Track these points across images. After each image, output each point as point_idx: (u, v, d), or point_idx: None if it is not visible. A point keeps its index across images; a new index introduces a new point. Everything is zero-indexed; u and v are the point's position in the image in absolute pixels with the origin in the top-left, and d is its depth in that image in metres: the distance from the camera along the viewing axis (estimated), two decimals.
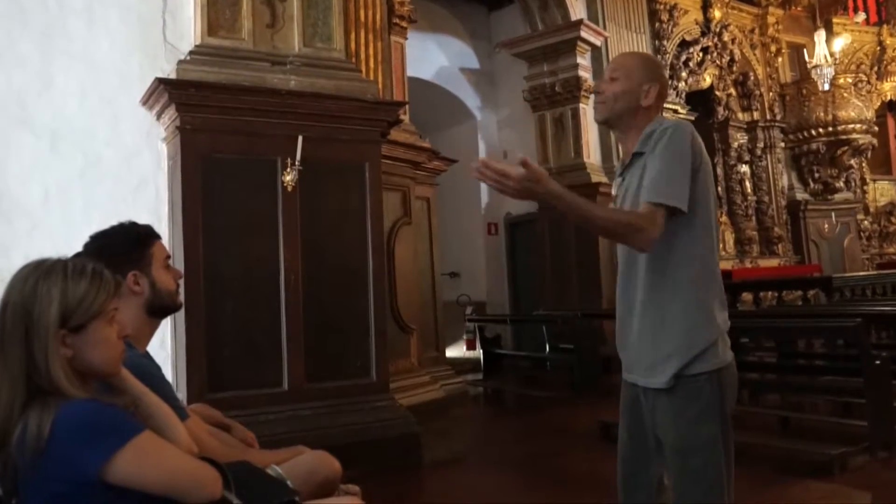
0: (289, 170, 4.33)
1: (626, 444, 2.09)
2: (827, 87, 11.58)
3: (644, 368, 2.00)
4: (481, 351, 8.40)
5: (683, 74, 11.12)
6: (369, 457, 4.16)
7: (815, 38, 11.53)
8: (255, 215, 4.35)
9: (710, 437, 1.90)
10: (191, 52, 4.42)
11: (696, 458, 1.90)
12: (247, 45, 4.53)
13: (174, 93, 4.18)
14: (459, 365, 8.39)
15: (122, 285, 1.66)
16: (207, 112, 4.26)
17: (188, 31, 4.62)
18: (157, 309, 2.03)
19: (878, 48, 13.77)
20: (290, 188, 4.36)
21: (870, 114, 12.63)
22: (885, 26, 13.79)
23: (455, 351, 9.85)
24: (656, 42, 10.73)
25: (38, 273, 1.46)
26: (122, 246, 1.96)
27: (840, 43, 12.38)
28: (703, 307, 1.94)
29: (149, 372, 1.85)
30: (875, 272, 11.40)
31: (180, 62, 4.37)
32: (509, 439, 5.85)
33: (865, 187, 13.67)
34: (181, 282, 2.18)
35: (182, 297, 2.19)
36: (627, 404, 2.09)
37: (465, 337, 9.87)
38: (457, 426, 6.10)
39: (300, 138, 4.30)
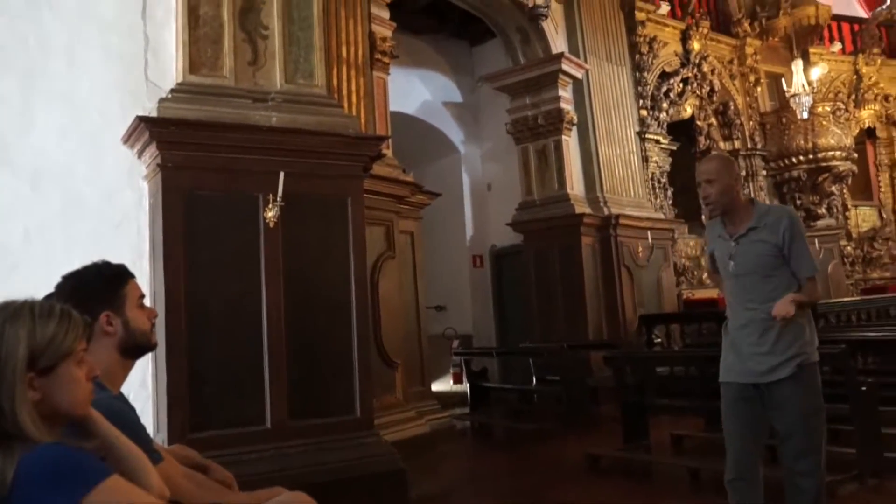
0: (271, 206, 4.33)
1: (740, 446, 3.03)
2: (806, 115, 11.74)
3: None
4: (468, 384, 8.35)
5: (665, 105, 11.25)
6: (354, 495, 4.13)
7: (793, 68, 11.71)
8: (237, 251, 4.33)
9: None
10: (172, 90, 4.43)
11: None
12: (228, 82, 4.54)
13: (155, 131, 4.18)
14: (446, 399, 8.33)
15: (91, 325, 1.64)
16: (189, 149, 4.26)
17: (170, 69, 4.63)
18: (131, 349, 2.01)
19: (855, 77, 14.01)
20: (272, 224, 4.35)
21: (849, 141, 12.80)
22: (860, 55, 14.05)
23: (442, 385, 9.79)
24: (637, 74, 10.87)
25: (5, 315, 1.44)
26: (94, 286, 1.95)
27: (817, 72, 12.57)
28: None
29: (121, 414, 1.82)
30: (859, 298, 11.47)
31: (162, 100, 4.37)
32: (496, 474, 5.80)
33: (847, 213, 13.80)
34: (156, 321, 2.16)
35: (156, 337, 2.17)
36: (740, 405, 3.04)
37: (451, 370, 9.82)
38: (443, 461, 6.05)
39: (282, 174, 4.30)
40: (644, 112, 10.80)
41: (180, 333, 4.09)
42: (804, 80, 11.53)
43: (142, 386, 4.27)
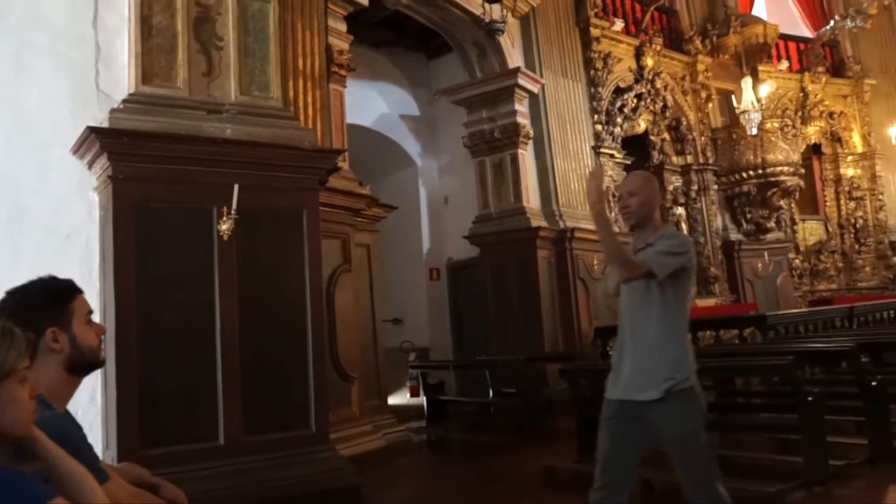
0: (225, 218, 4.28)
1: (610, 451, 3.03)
2: (755, 131, 12.01)
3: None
4: (425, 397, 8.32)
5: (619, 120, 11.41)
6: None
7: (743, 85, 11.98)
8: (190, 265, 4.28)
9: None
10: (124, 101, 4.36)
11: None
12: (182, 93, 4.49)
13: (106, 141, 4.11)
14: (403, 412, 8.30)
15: (36, 343, 1.60)
16: (141, 161, 4.19)
17: (122, 79, 4.56)
18: (79, 366, 1.96)
19: (801, 94, 14.41)
20: (226, 237, 4.30)
21: (796, 157, 13.14)
22: (806, 74, 14.45)
23: (398, 398, 9.75)
24: (592, 89, 11.01)
25: None
26: (39, 301, 1.90)
27: (766, 89, 12.88)
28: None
29: (66, 432, 1.77)
30: (807, 309, 11.74)
31: (113, 111, 4.30)
32: (453, 487, 5.78)
33: (795, 227, 14.14)
34: (104, 337, 2.11)
35: (105, 353, 2.12)
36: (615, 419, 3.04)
37: (408, 383, 9.79)
38: (400, 475, 6.01)
39: (236, 187, 4.27)
40: (599, 127, 10.95)
41: (131, 349, 4.02)
42: (753, 96, 11.81)
43: (91, 402, 4.18)
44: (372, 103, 10.25)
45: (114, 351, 3.93)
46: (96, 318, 2.19)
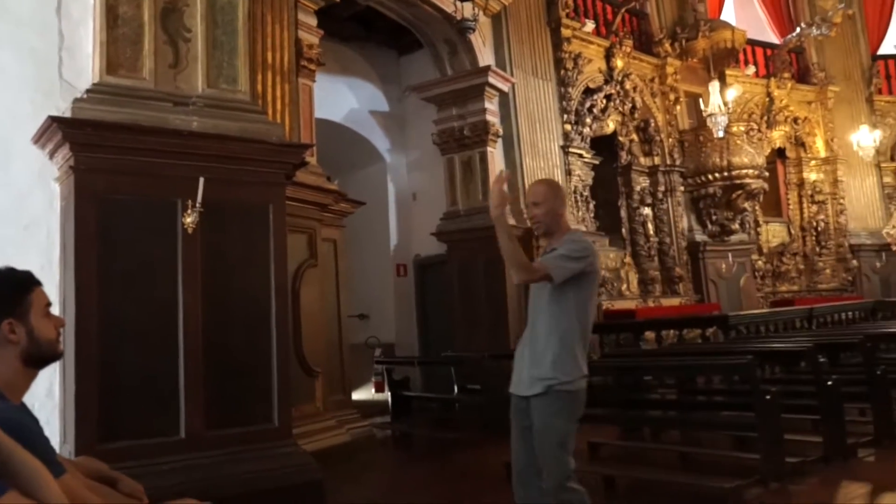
0: (189, 212, 4.24)
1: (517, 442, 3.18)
2: (721, 134, 12.16)
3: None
4: (389, 393, 8.33)
5: (588, 120, 11.50)
6: None
7: (710, 89, 12.13)
8: (153, 258, 4.23)
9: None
10: (88, 91, 4.29)
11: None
12: (148, 84, 4.43)
13: (68, 132, 4.05)
14: (368, 408, 8.30)
15: None
16: (104, 152, 4.14)
17: (86, 68, 4.48)
18: (35, 359, 1.94)
19: (767, 99, 14.64)
20: (190, 230, 4.26)
21: (761, 160, 13.34)
22: (772, 79, 14.69)
23: (364, 393, 9.75)
24: (562, 89, 11.08)
25: None
26: None
27: (733, 93, 13.06)
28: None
29: (20, 425, 1.76)
30: (768, 310, 11.97)
31: (76, 100, 4.24)
32: (416, 483, 5.80)
33: (759, 229, 14.38)
34: (63, 330, 2.09)
35: (63, 346, 2.10)
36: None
37: (373, 379, 9.78)
38: (363, 471, 6.01)
39: (201, 180, 4.22)
40: (568, 126, 11.02)
41: (91, 342, 3.97)
42: (720, 100, 11.96)
43: (48, 395, 4.13)
44: (341, 98, 10.21)
45: (73, 344, 3.88)
46: (56, 310, 2.17)
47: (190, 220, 4.24)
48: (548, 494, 3.04)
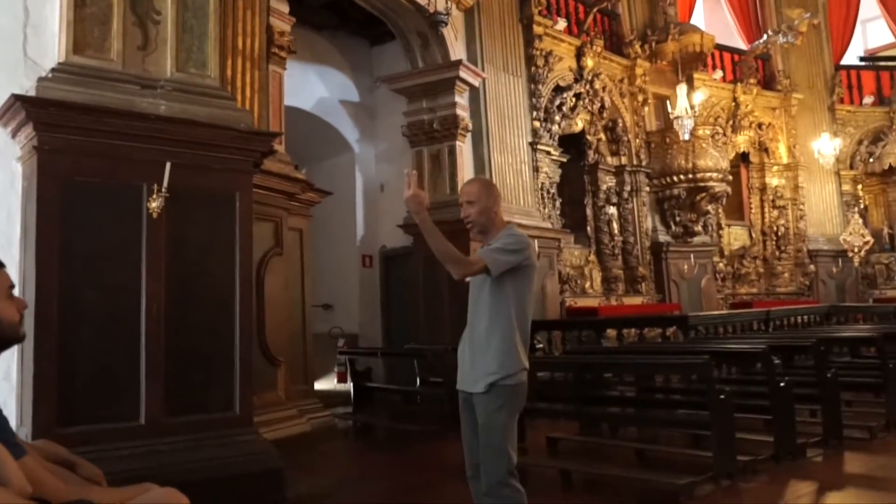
0: (155, 196, 4.21)
1: (466, 436, 3.18)
2: (687, 136, 12.34)
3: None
4: (352, 384, 8.34)
5: (557, 118, 11.60)
6: (229, 493, 4.07)
7: (678, 91, 12.30)
8: (117, 242, 4.19)
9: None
10: (53, 70, 4.23)
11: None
12: (115, 66, 4.38)
13: (32, 111, 3.99)
14: (329, 398, 8.30)
15: None
16: (68, 133, 4.08)
17: (52, 47, 4.41)
18: None
19: (733, 104, 14.89)
20: (155, 215, 4.23)
21: (725, 164, 13.57)
22: (738, 84, 14.94)
23: (326, 384, 9.74)
24: (532, 86, 11.16)
25: None
26: None
27: (700, 97, 13.26)
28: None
29: None
30: (727, 312, 12.19)
31: (41, 79, 4.17)
32: (377, 473, 5.83)
33: (721, 232, 14.62)
34: (25, 312, 2.08)
35: (24, 329, 2.09)
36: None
37: (336, 369, 9.77)
38: (323, 461, 6.02)
39: (168, 165, 4.19)
40: (537, 123, 11.11)
41: (51, 325, 3.92)
42: (687, 103, 12.13)
43: (5, 378, 4.08)
44: (311, 86, 10.16)
45: (32, 326, 3.83)
46: (15, 291, 2.15)
47: (155, 204, 4.21)
48: (488, 492, 3.02)
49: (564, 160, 11.78)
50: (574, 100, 12.02)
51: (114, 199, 4.20)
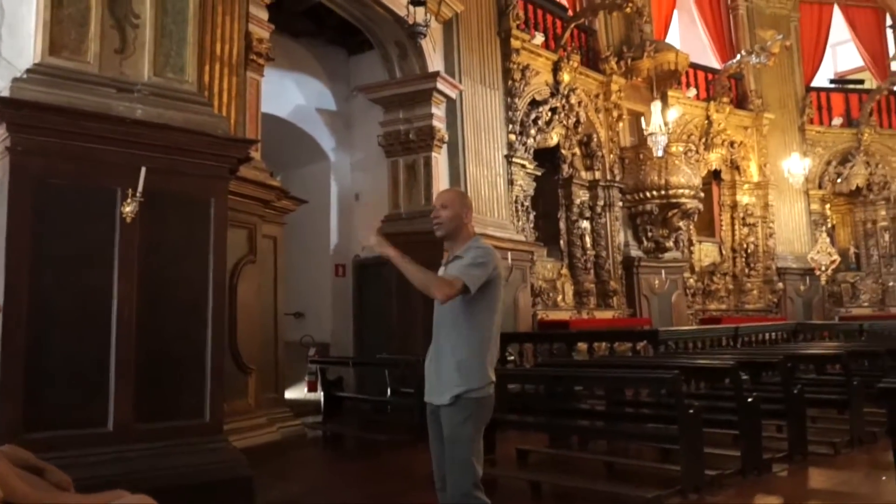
0: (129, 200, 4.18)
1: (435, 449, 3.21)
2: (661, 153, 12.46)
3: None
4: (322, 393, 8.31)
5: (532, 132, 11.67)
6: (199, 501, 4.04)
7: (652, 108, 12.43)
8: (89, 245, 4.16)
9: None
10: (28, 71, 4.20)
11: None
12: (92, 68, 4.36)
13: (5, 111, 3.95)
14: (300, 407, 8.25)
15: None
16: (43, 135, 4.05)
17: (27, 48, 4.37)
18: None
19: (706, 121, 15.08)
20: (129, 219, 4.20)
21: (697, 181, 13.73)
22: (712, 102, 15.14)
23: (296, 392, 9.67)
24: (508, 99, 11.23)
25: None
26: None
27: (673, 114, 13.42)
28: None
29: None
30: (697, 327, 12.32)
31: (15, 80, 4.14)
32: (346, 483, 5.82)
33: (692, 248, 14.77)
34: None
35: None
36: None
37: (307, 378, 9.72)
38: (293, 469, 5.99)
39: (143, 169, 4.17)
40: (513, 136, 11.17)
41: (19, 328, 3.88)
42: (661, 120, 12.27)
43: None
44: (288, 94, 10.13)
45: None
46: None
47: (129, 209, 4.18)
48: (455, 498, 3.03)
49: (539, 174, 11.85)
50: (550, 114, 12.11)
51: (87, 202, 4.17)
